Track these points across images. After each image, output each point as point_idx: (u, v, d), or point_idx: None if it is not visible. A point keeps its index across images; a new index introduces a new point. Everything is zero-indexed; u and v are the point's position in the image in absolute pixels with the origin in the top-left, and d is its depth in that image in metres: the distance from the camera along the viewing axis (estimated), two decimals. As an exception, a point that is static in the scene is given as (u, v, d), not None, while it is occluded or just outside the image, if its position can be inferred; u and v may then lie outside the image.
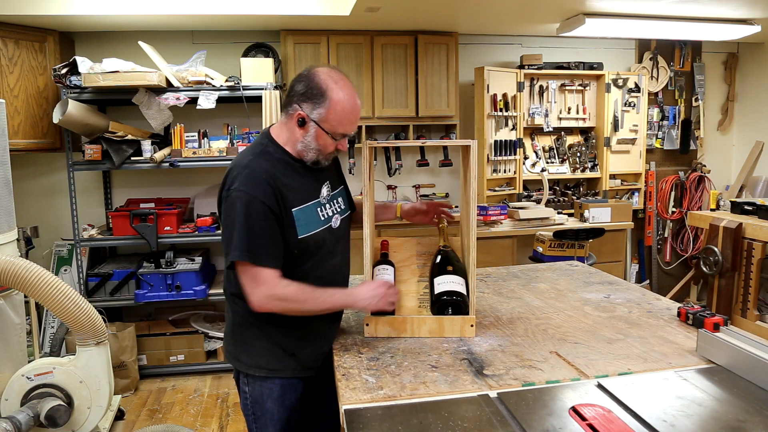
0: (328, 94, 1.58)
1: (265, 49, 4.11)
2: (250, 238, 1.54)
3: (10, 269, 2.36)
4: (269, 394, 1.71)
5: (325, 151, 1.65)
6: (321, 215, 1.70)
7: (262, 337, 1.69)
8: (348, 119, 1.62)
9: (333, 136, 1.62)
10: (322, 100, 1.58)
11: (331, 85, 1.58)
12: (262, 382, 1.70)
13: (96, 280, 3.78)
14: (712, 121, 5.17)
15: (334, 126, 1.60)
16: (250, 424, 1.77)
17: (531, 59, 4.50)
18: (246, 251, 1.54)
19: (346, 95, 1.60)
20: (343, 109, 1.59)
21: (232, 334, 1.75)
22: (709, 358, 1.48)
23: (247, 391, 1.73)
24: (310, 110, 1.60)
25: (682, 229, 5.06)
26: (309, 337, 1.71)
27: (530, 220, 4.13)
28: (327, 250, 1.72)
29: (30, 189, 4.10)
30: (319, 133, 1.61)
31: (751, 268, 3.13)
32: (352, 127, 1.64)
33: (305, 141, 1.63)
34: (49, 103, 3.75)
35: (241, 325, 1.71)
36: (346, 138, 1.66)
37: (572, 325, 1.80)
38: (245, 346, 1.71)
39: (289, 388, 1.72)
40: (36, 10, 3.36)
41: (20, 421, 2.38)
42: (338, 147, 1.67)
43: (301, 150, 1.65)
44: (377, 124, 4.27)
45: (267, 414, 1.72)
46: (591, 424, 1.16)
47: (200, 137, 3.82)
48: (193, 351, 3.90)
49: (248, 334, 1.70)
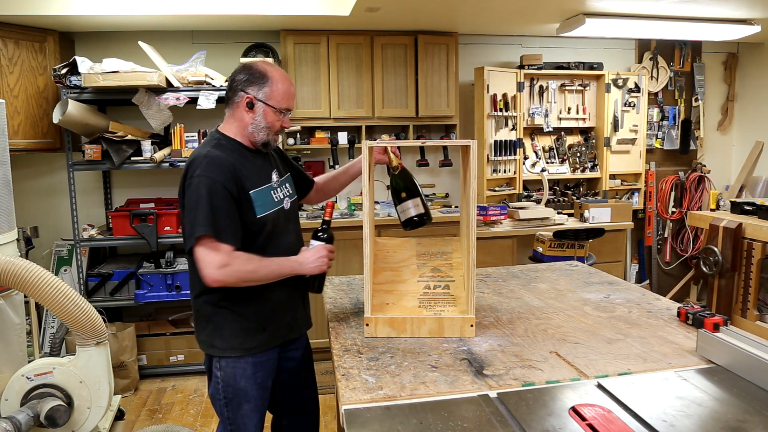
0: (269, 75, 1.82)
1: (265, 49, 4.11)
2: (213, 216, 1.68)
3: (10, 269, 2.36)
4: (242, 374, 1.83)
5: (273, 129, 1.84)
6: (274, 197, 1.88)
7: (233, 318, 1.81)
8: (289, 94, 1.84)
9: (278, 110, 1.82)
10: (265, 81, 1.81)
11: (268, 68, 1.83)
12: (234, 362, 1.82)
13: (96, 280, 3.78)
14: (712, 121, 5.17)
15: (280, 102, 1.82)
16: (221, 409, 1.87)
17: (531, 59, 4.50)
18: (210, 226, 1.68)
19: (282, 75, 1.84)
20: (283, 85, 1.82)
21: (204, 323, 1.86)
22: (709, 358, 1.48)
23: (219, 376, 1.84)
24: (256, 92, 1.81)
25: (682, 229, 5.06)
26: (275, 308, 1.87)
27: (530, 220, 4.13)
28: (281, 228, 1.89)
29: (30, 189, 4.10)
30: (266, 111, 1.81)
31: (751, 268, 3.13)
32: (292, 102, 1.87)
33: (255, 121, 1.82)
34: (49, 103, 3.75)
35: (213, 313, 1.83)
36: (288, 114, 1.86)
37: (572, 325, 1.80)
38: (218, 331, 1.83)
39: (260, 365, 1.85)
40: (36, 10, 3.36)
41: (20, 421, 2.38)
42: (282, 125, 1.86)
43: (251, 132, 1.83)
44: (377, 124, 4.27)
45: (240, 393, 1.84)
46: (591, 424, 1.16)
47: (200, 137, 3.82)
48: (193, 351, 3.90)
49: (219, 319, 1.82)
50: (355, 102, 4.17)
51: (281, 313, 1.89)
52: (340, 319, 1.93)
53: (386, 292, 1.88)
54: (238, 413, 1.85)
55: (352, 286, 2.34)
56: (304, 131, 4.26)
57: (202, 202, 1.67)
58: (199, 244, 1.68)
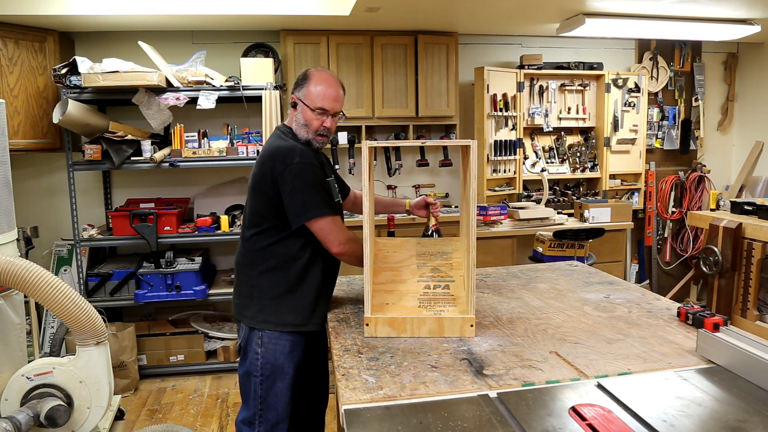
0: (309, 77, 1.97)
1: (265, 49, 4.11)
2: (327, 197, 1.90)
3: (10, 269, 2.36)
4: (282, 350, 1.95)
5: (311, 127, 1.95)
6: (336, 189, 2.07)
7: (293, 297, 1.96)
8: (326, 94, 1.94)
9: (312, 109, 1.93)
10: (305, 82, 1.97)
11: (313, 72, 1.98)
12: (278, 338, 1.95)
13: (96, 280, 3.78)
14: (712, 121, 5.17)
15: (314, 100, 1.93)
16: (255, 387, 1.95)
17: (531, 59, 4.50)
18: (327, 207, 1.88)
19: (324, 77, 1.96)
20: (320, 86, 1.94)
21: (265, 299, 1.97)
22: (709, 358, 1.48)
23: (260, 352, 1.95)
24: (298, 92, 1.99)
25: (682, 229, 5.06)
26: (324, 293, 2.04)
27: (530, 220, 4.13)
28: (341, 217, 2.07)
29: (30, 189, 4.10)
30: (303, 109, 1.95)
31: (751, 268, 3.13)
32: (330, 104, 1.95)
33: (297, 119, 1.98)
34: (49, 103, 3.75)
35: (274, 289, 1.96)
36: (328, 115, 1.95)
37: (572, 325, 1.80)
38: (274, 306, 1.96)
39: (297, 344, 1.98)
40: (36, 10, 3.36)
41: (20, 421, 2.38)
42: (324, 124, 1.96)
43: (296, 130, 1.98)
44: (377, 124, 4.27)
45: (278, 370, 1.95)
46: (591, 424, 1.16)
47: (200, 137, 3.82)
48: (193, 351, 3.90)
49: (277, 296, 1.96)
50: (355, 102, 4.17)
51: (327, 299, 2.08)
52: (340, 319, 1.93)
53: (386, 292, 1.88)
54: (271, 391, 1.95)
55: (352, 286, 2.35)
56: (304, 131, 4.25)
57: (312, 185, 1.86)
58: (320, 223, 1.87)
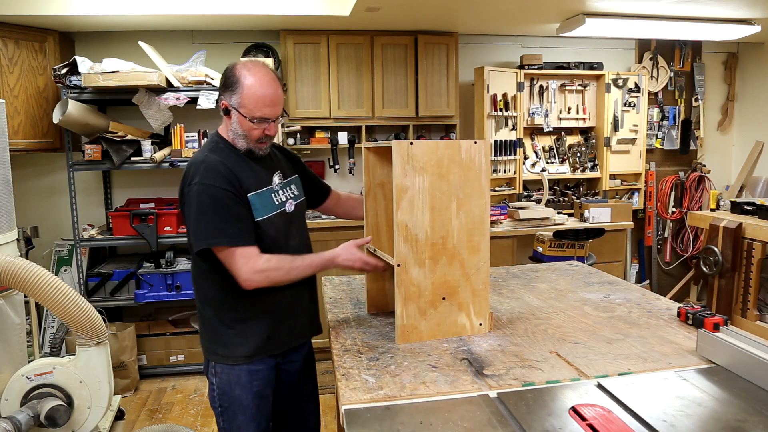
0: (241, 80, 1.67)
1: (265, 49, 4.11)
2: (224, 224, 1.64)
3: (10, 269, 2.36)
4: (236, 381, 1.77)
5: (251, 137, 1.72)
6: (275, 200, 1.80)
7: (236, 325, 1.76)
8: (263, 102, 1.68)
9: (251, 119, 1.69)
10: (237, 87, 1.68)
11: (244, 72, 1.68)
12: (230, 369, 1.77)
13: (96, 280, 3.78)
14: (712, 121, 5.17)
15: (251, 110, 1.68)
16: (218, 418, 1.83)
17: (531, 59, 4.50)
18: (225, 236, 1.64)
19: (258, 80, 1.67)
20: (255, 92, 1.67)
21: (206, 328, 1.82)
22: (709, 358, 1.48)
23: (215, 383, 1.79)
24: (229, 98, 1.70)
25: (682, 229, 5.06)
26: (280, 316, 1.81)
27: (530, 220, 4.13)
28: (283, 231, 1.81)
29: (30, 189, 4.10)
30: (240, 119, 1.70)
31: (751, 268, 3.13)
32: (269, 110, 1.69)
33: (233, 129, 1.73)
34: (49, 103, 3.75)
35: (215, 318, 1.78)
36: (269, 122, 1.72)
37: (572, 325, 1.80)
38: (220, 337, 1.77)
39: (256, 374, 1.79)
40: (36, 10, 3.36)
41: (20, 421, 2.38)
42: (265, 132, 1.73)
43: (233, 139, 1.75)
44: (377, 124, 4.27)
45: (235, 402, 1.78)
46: (591, 424, 1.16)
47: (200, 137, 3.82)
48: (193, 351, 3.90)
49: (221, 325, 1.77)
50: (355, 102, 4.17)
51: (285, 319, 1.82)
52: (340, 319, 1.93)
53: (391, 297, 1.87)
54: (234, 423, 1.79)
55: (352, 286, 2.34)
56: (304, 131, 4.26)
57: (208, 211, 1.64)
58: (220, 255, 1.65)
